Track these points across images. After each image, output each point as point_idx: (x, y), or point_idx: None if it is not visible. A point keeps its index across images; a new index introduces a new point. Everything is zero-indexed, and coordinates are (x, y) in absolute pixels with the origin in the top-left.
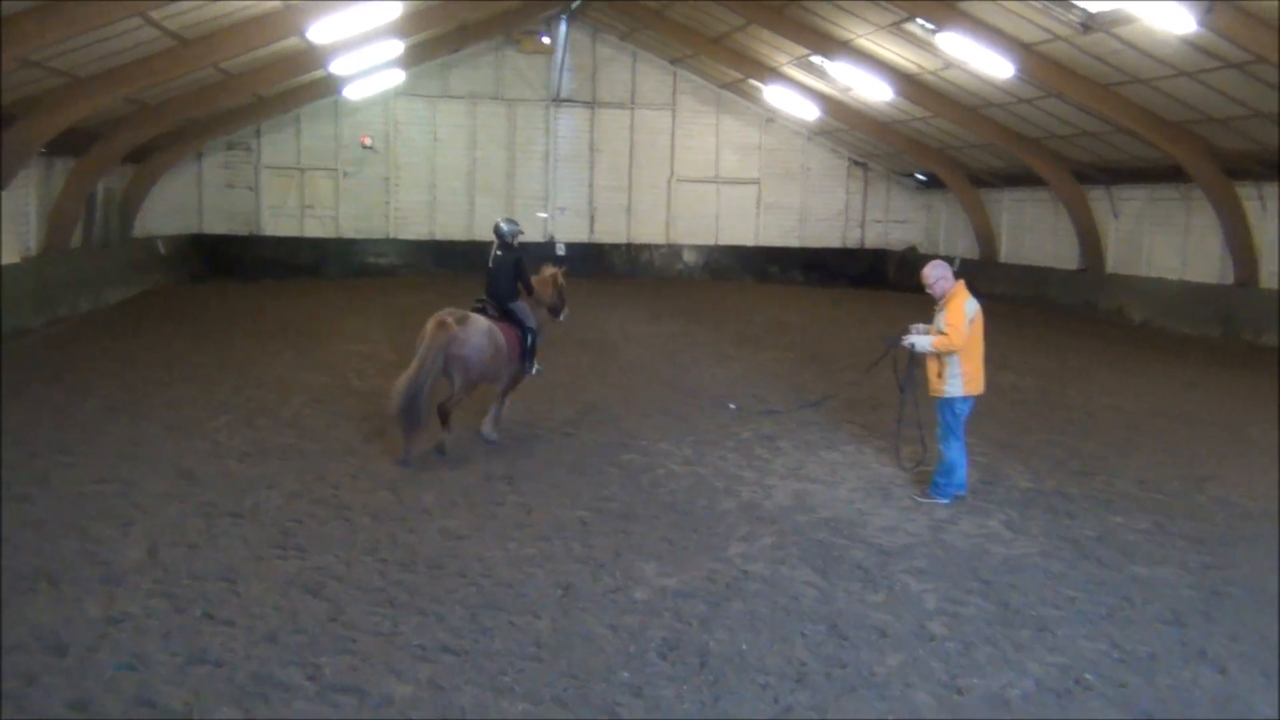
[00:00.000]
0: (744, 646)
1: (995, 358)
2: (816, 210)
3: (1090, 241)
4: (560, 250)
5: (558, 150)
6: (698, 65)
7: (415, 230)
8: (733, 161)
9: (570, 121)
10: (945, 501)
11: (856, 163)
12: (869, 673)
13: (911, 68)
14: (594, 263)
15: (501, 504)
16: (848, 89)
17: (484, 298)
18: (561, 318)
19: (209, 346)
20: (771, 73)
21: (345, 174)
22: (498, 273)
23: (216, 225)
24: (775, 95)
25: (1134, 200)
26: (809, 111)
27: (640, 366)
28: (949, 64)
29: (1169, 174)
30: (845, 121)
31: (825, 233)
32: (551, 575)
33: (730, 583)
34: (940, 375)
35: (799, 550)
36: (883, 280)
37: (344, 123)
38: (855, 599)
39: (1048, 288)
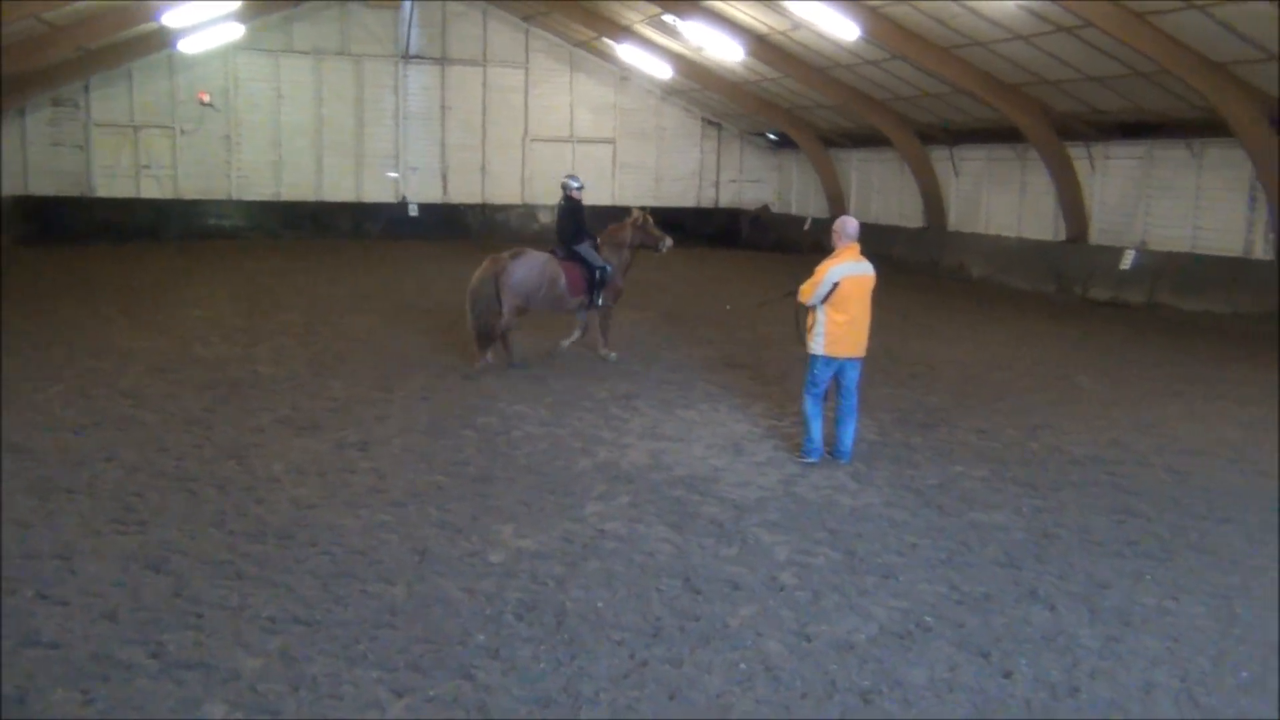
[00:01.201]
0: (600, 605)
1: None
2: (671, 170)
3: (933, 200)
4: (413, 211)
5: (408, 108)
6: (550, 23)
7: (260, 191)
8: (588, 121)
9: (420, 79)
10: (810, 460)
11: (710, 122)
12: (722, 624)
13: (762, 28)
14: (448, 224)
15: (354, 471)
16: (700, 48)
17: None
18: (663, 249)
19: (38, 314)
20: (625, 31)
21: (183, 132)
22: (561, 220)
23: (44, 186)
24: (629, 54)
25: (974, 160)
26: (663, 71)
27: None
28: (798, 25)
29: (1006, 135)
30: (698, 81)
31: (680, 192)
32: (406, 541)
33: (587, 542)
34: (810, 330)
35: (655, 508)
36: (737, 239)
37: (180, 78)
38: (709, 554)
39: (894, 245)
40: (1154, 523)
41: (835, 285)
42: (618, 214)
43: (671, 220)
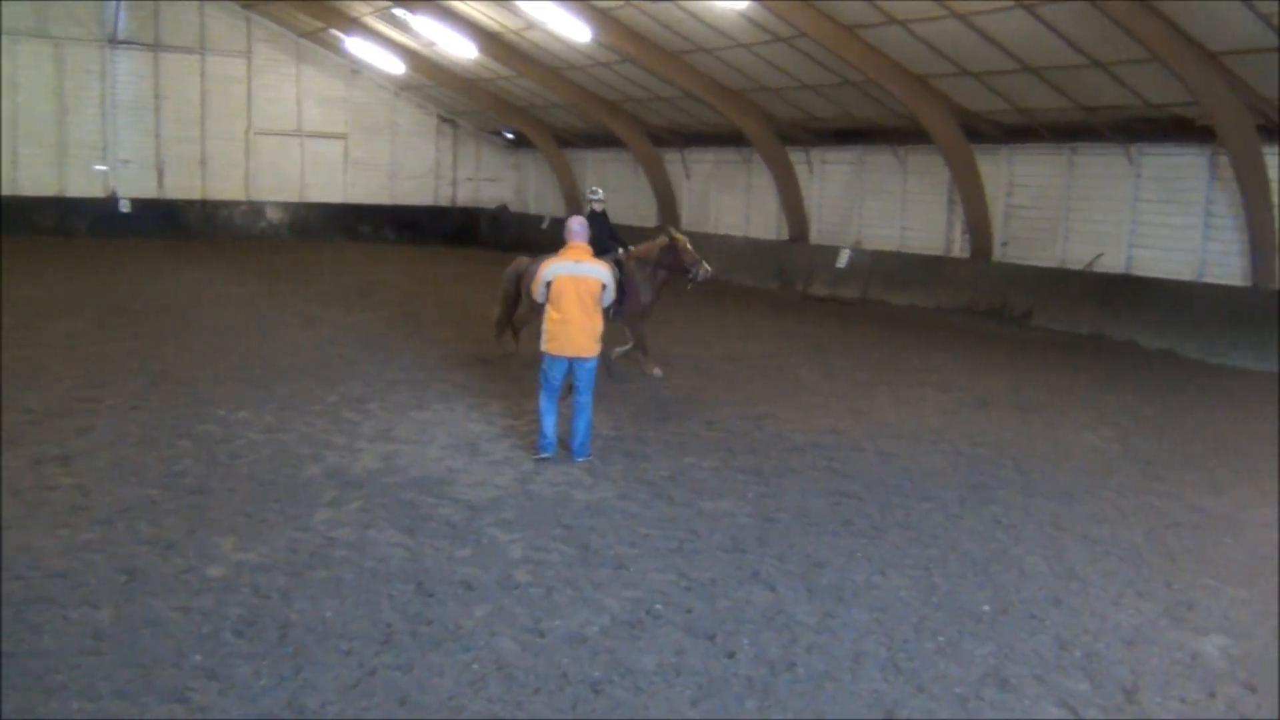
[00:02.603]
0: (328, 614)
1: None
2: (407, 167)
3: (666, 201)
4: (124, 207)
5: (116, 97)
6: (273, 11)
7: None
8: (317, 115)
9: (130, 65)
10: (543, 455)
11: (445, 120)
12: (455, 626)
13: (495, 26)
14: (165, 221)
15: (54, 488)
16: (432, 44)
17: None
18: (697, 275)
19: None
20: (353, 23)
21: None
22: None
23: None
24: (358, 47)
25: (703, 163)
26: (395, 66)
27: (219, 331)
28: (531, 24)
29: (733, 139)
30: (432, 77)
31: (416, 190)
32: (113, 561)
33: (315, 551)
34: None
35: (387, 512)
36: (475, 238)
37: None
38: (443, 556)
39: (629, 244)
40: (865, 503)
41: (548, 284)
42: (351, 212)
43: (408, 219)
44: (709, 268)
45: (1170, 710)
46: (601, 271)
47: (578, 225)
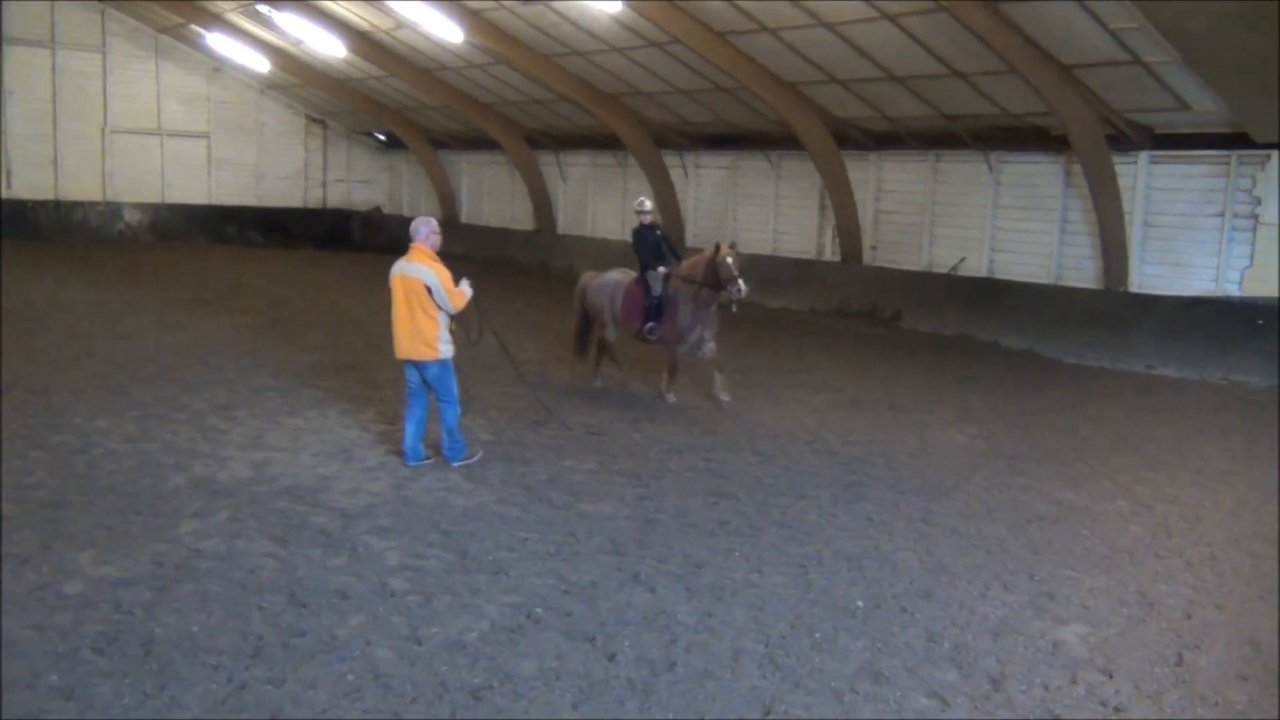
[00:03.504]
0: (195, 629)
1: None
2: (274, 168)
3: (542, 204)
4: None
5: None
6: (129, 6)
7: None
8: (178, 113)
9: None
10: (409, 464)
11: (314, 120)
12: (329, 637)
13: (364, 24)
14: (13, 221)
15: None
16: (299, 42)
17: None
18: (733, 295)
19: None
20: (215, 19)
21: None
22: (634, 244)
23: None
24: (221, 44)
25: (580, 166)
26: (260, 64)
27: (73, 337)
28: (400, 24)
29: (609, 142)
30: (299, 76)
31: (285, 192)
32: None
33: (180, 564)
34: None
35: (258, 522)
36: (348, 241)
37: None
38: (316, 565)
39: (508, 248)
40: (742, 502)
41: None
42: (216, 213)
43: (276, 221)
44: (744, 286)
45: (1034, 697)
46: (425, 272)
47: (419, 225)
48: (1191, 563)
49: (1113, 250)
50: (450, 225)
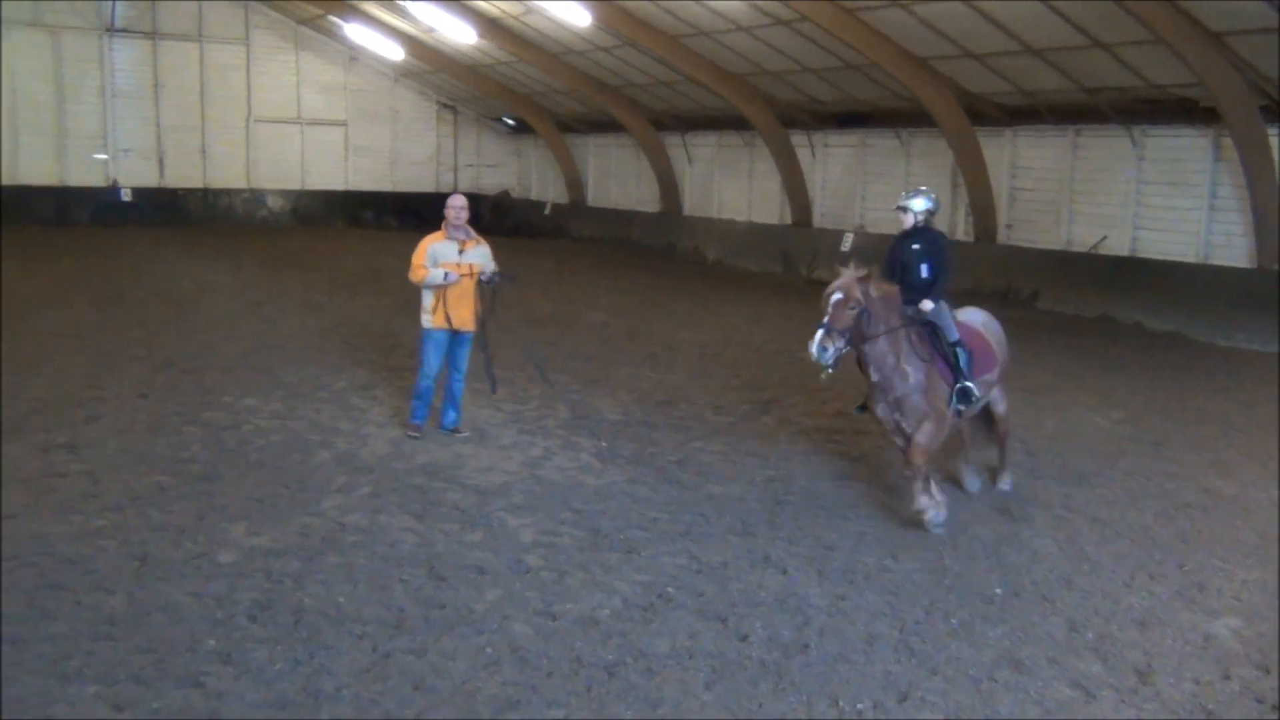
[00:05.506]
0: (341, 599)
1: (586, 298)
2: (408, 154)
3: (668, 186)
4: (125, 196)
5: (115, 85)
6: None
7: None
8: (317, 102)
9: (129, 54)
10: (415, 423)
11: (446, 106)
12: (467, 610)
13: (494, 11)
14: (166, 210)
15: (64, 475)
16: (431, 30)
17: None
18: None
19: None
20: (352, 9)
21: None
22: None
23: None
24: (357, 33)
25: (706, 147)
26: (394, 52)
27: (222, 319)
28: (529, 9)
29: (735, 123)
30: (431, 64)
31: (418, 177)
32: (125, 547)
33: (326, 536)
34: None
35: (397, 497)
36: (478, 225)
37: None
38: (454, 540)
39: (632, 230)
40: (873, 486)
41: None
42: (353, 199)
43: (410, 206)
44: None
45: (1184, 692)
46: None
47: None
48: None
49: (1265, 227)
50: (577, 208)
